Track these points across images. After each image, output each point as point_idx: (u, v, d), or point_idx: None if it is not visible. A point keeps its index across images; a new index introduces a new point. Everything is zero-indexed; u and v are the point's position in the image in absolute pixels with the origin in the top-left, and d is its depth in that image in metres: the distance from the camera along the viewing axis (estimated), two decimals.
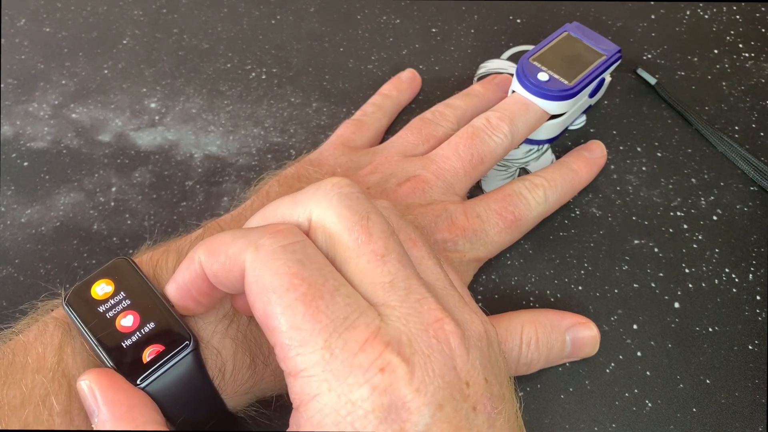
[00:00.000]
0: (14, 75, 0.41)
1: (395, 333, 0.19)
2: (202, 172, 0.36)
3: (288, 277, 0.19)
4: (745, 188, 0.35)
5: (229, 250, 0.20)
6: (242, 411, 0.26)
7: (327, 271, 0.20)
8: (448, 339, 0.19)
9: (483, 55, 0.42)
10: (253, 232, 0.20)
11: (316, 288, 0.19)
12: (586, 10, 0.44)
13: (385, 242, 0.20)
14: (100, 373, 0.21)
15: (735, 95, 0.39)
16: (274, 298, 0.19)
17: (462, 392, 0.19)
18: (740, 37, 0.42)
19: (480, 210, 0.31)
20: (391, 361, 0.18)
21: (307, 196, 0.22)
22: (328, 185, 0.22)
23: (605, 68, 0.35)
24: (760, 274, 0.32)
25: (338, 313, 0.19)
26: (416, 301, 0.20)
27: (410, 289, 0.20)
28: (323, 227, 0.21)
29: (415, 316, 0.19)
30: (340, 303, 0.19)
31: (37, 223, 0.34)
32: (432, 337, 0.19)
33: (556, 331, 0.28)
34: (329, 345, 0.18)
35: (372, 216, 0.21)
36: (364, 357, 0.18)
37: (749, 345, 0.29)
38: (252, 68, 0.41)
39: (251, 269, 0.20)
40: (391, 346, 0.18)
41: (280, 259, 0.19)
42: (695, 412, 0.28)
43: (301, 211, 0.21)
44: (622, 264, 0.32)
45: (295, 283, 0.19)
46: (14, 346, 0.23)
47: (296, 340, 0.18)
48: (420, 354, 0.19)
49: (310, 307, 0.19)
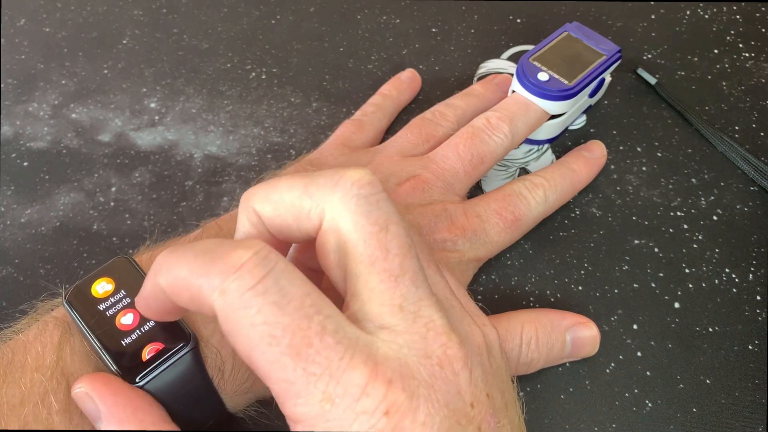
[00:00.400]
0: (14, 75, 0.41)
1: (396, 365, 0.18)
2: (202, 172, 0.36)
3: (266, 329, 0.17)
4: (745, 188, 0.35)
5: (191, 287, 0.18)
6: (242, 411, 0.26)
7: (308, 306, 0.18)
8: (452, 364, 0.19)
9: (483, 55, 0.42)
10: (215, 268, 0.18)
11: (300, 335, 0.17)
12: (586, 10, 0.44)
13: (401, 260, 0.19)
14: (95, 378, 0.21)
15: (735, 95, 0.39)
16: (256, 354, 0.17)
17: (467, 415, 0.18)
18: (740, 37, 0.42)
19: (480, 210, 0.31)
20: (395, 400, 0.17)
21: (324, 191, 0.20)
22: (348, 182, 0.20)
23: (605, 68, 0.35)
24: (760, 274, 0.32)
25: (332, 356, 0.17)
26: (423, 326, 0.19)
27: (418, 313, 0.19)
28: (337, 232, 0.19)
29: (419, 342, 0.19)
30: (331, 343, 0.17)
31: (37, 223, 0.34)
32: (435, 364, 0.18)
33: (556, 331, 0.28)
34: (328, 395, 0.17)
35: (391, 227, 0.19)
36: (367, 402, 0.17)
37: (749, 345, 0.29)
38: (252, 68, 0.41)
39: (223, 319, 0.18)
40: (393, 383, 0.17)
41: (251, 307, 0.17)
42: (695, 412, 0.28)
43: (314, 205, 0.20)
44: (622, 264, 0.32)
45: (276, 336, 0.17)
46: (14, 345, 0.23)
47: (291, 392, 0.17)
48: (424, 385, 0.18)
49: (299, 360, 0.17)
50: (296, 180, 0.20)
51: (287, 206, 0.20)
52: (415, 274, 0.19)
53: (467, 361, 0.19)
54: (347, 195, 0.19)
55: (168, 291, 0.19)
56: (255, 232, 0.21)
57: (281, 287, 0.18)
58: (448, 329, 0.19)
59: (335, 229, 0.19)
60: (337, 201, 0.19)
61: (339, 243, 0.20)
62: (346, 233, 0.19)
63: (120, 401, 0.20)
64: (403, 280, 0.19)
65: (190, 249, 0.19)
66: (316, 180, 0.20)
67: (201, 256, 0.18)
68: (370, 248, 0.19)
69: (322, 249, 0.20)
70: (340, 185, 0.20)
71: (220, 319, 0.18)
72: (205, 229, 0.28)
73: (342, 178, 0.20)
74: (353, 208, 0.19)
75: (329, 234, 0.20)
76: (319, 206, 0.20)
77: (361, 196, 0.19)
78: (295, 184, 0.20)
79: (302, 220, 0.20)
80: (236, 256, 0.18)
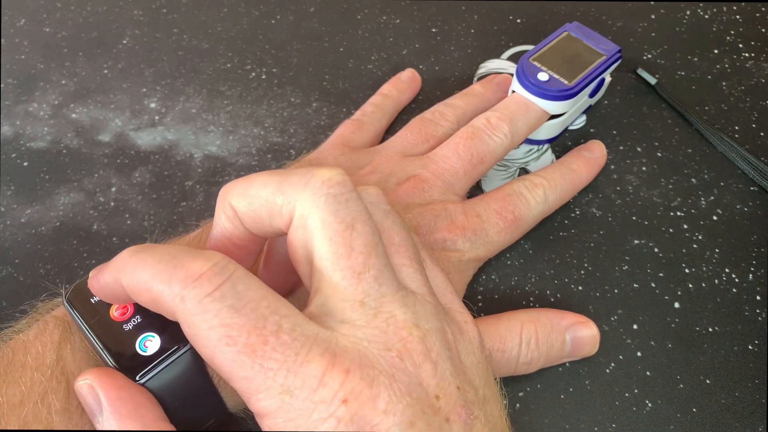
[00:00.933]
0: (14, 75, 0.41)
1: (355, 356, 0.18)
2: (202, 172, 0.36)
3: (223, 330, 0.18)
4: (745, 188, 0.35)
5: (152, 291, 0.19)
6: (242, 410, 0.26)
7: (264, 307, 0.19)
8: (411, 356, 0.19)
9: (483, 55, 0.42)
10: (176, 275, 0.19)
11: (256, 334, 0.18)
12: (586, 10, 0.44)
13: (365, 258, 0.20)
14: (100, 372, 0.21)
15: (735, 95, 0.39)
16: (217, 355, 0.18)
17: (432, 406, 0.19)
18: (740, 37, 0.42)
19: (480, 209, 0.31)
20: (353, 389, 0.18)
21: (295, 188, 0.20)
22: (318, 181, 0.20)
23: (605, 68, 0.35)
24: (760, 274, 0.32)
25: (288, 352, 0.18)
26: (383, 321, 0.19)
27: (380, 309, 0.20)
28: (305, 228, 0.20)
29: (379, 336, 0.19)
30: (287, 340, 0.18)
31: (37, 223, 0.34)
32: (395, 356, 0.19)
33: (556, 331, 0.28)
34: (287, 387, 0.18)
35: (357, 225, 0.20)
36: (325, 391, 0.18)
37: (749, 345, 0.29)
38: (252, 68, 0.41)
39: (185, 324, 0.19)
40: (351, 372, 0.18)
41: (209, 312, 0.18)
42: (695, 413, 0.28)
43: (286, 202, 0.20)
44: (622, 264, 0.32)
45: (232, 336, 0.18)
46: (14, 345, 0.23)
47: (252, 388, 0.18)
48: (384, 374, 0.18)
49: (255, 357, 0.18)
50: (271, 177, 0.21)
51: (261, 202, 0.21)
52: (379, 271, 0.20)
53: (429, 354, 0.19)
54: (317, 193, 0.20)
55: (127, 290, 0.20)
56: (230, 227, 0.22)
57: (237, 291, 0.19)
58: (411, 324, 0.20)
59: (303, 226, 0.20)
60: (307, 198, 0.20)
61: (306, 239, 0.20)
62: (313, 230, 0.20)
63: (123, 396, 0.21)
64: (366, 277, 0.20)
65: (154, 253, 0.20)
66: (290, 177, 0.21)
67: (164, 263, 0.19)
68: (334, 245, 0.20)
69: (291, 245, 0.21)
70: (311, 183, 0.20)
71: (181, 324, 0.19)
72: (205, 228, 0.28)
73: (313, 176, 0.20)
74: (321, 206, 0.20)
75: (298, 230, 0.20)
76: (290, 203, 0.20)
77: (330, 195, 0.20)
78: (270, 180, 0.21)
79: (274, 216, 0.21)
80: (197, 266, 0.19)
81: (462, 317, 0.23)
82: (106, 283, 0.21)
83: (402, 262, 0.22)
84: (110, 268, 0.21)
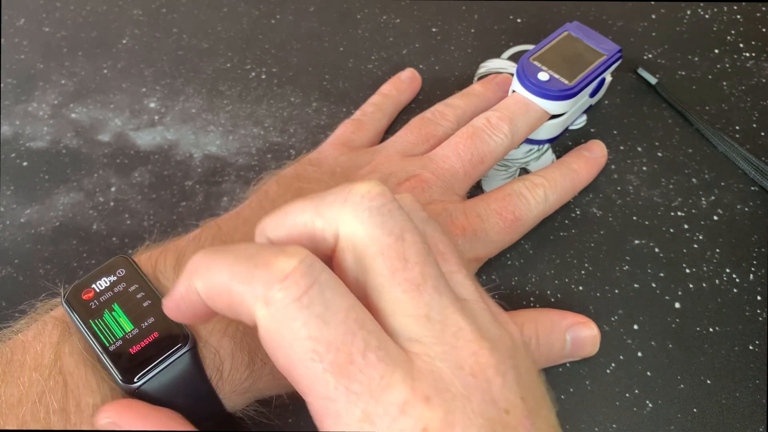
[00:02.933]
0: (14, 75, 0.41)
1: (431, 380, 0.18)
2: (202, 172, 0.36)
3: (311, 344, 0.17)
4: (745, 188, 0.35)
5: (232, 292, 0.18)
6: (241, 411, 0.25)
7: (353, 320, 0.17)
8: (485, 372, 0.18)
9: (483, 54, 0.41)
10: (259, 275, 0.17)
11: (344, 352, 0.17)
12: (587, 10, 0.43)
13: (421, 268, 0.19)
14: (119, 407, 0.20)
15: (736, 95, 0.39)
16: (299, 369, 0.17)
17: (503, 422, 0.18)
18: (741, 37, 0.42)
19: (480, 209, 0.31)
20: (431, 418, 0.17)
21: (334, 208, 0.19)
22: (357, 196, 0.19)
23: (606, 68, 0.35)
24: (760, 275, 0.31)
25: (373, 375, 0.17)
26: (452, 335, 0.19)
27: (446, 322, 0.19)
28: (353, 248, 0.19)
29: (451, 353, 0.18)
30: (373, 361, 0.17)
31: (37, 223, 0.34)
32: (468, 374, 0.18)
33: (556, 331, 0.28)
34: (368, 415, 0.17)
35: (407, 236, 0.19)
36: (406, 421, 0.17)
37: (750, 345, 0.29)
38: (252, 68, 0.41)
39: (265, 330, 0.17)
40: (430, 400, 0.17)
41: (297, 320, 0.17)
42: (696, 413, 0.28)
43: (327, 224, 0.19)
44: (623, 264, 0.32)
45: (319, 351, 0.17)
46: (13, 345, 0.23)
47: (331, 410, 0.17)
48: (459, 397, 0.18)
49: (342, 378, 0.17)
50: (306, 202, 0.20)
51: (301, 230, 0.20)
52: (436, 280, 0.19)
53: (499, 366, 0.19)
54: (358, 208, 0.19)
55: (204, 295, 0.19)
56: None
57: (326, 299, 0.17)
58: (478, 336, 0.19)
59: (351, 246, 0.19)
60: (348, 216, 0.19)
61: (356, 258, 0.19)
62: (363, 247, 0.19)
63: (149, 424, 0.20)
64: (426, 287, 0.19)
65: (230, 252, 0.18)
66: (326, 198, 0.20)
67: (243, 261, 0.18)
68: (388, 259, 0.19)
69: (340, 268, 0.20)
70: (350, 200, 0.19)
71: (261, 329, 0.17)
72: (205, 228, 0.28)
73: (351, 192, 0.19)
74: (366, 221, 0.19)
75: (345, 252, 0.19)
76: (332, 224, 0.19)
77: (372, 207, 0.19)
78: (306, 205, 0.20)
79: (318, 242, 0.20)
80: (281, 264, 0.17)
81: (503, 318, 0.22)
82: (180, 294, 0.19)
83: (450, 269, 0.21)
84: (182, 276, 0.19)
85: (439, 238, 0.22)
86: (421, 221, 0.22)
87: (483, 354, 0.19)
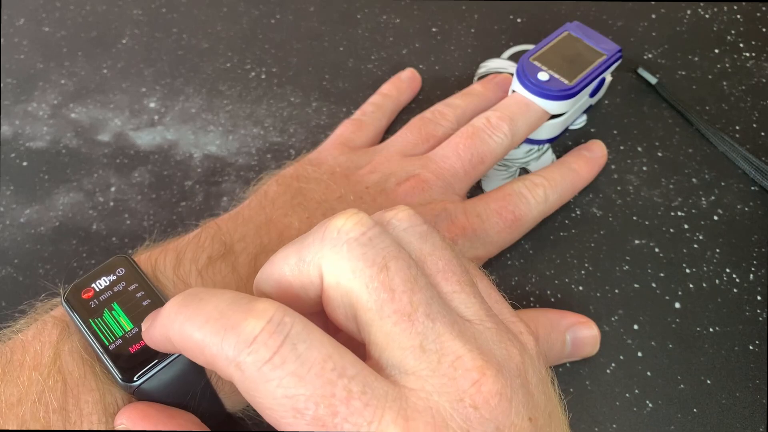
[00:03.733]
0: (13, 75, 0.41)
1: (428, 417, 0.17)
2: (202, 171, 0.36)
3: (289, 402, 0.16)
4: (745, 188, 0.35)
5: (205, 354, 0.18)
6: (241, 411, 0.25)
7: (330, 370, 0.17)
8: (487, 402, 0.18)
9: (483, 54, 0.41)
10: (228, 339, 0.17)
11: (325, 405, 0.16)
12: (587, 10, 0.43)
13: (410, 296, 0.18)
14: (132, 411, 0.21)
15: (736, 95, 0.39)
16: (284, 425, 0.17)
17: None
18: (741, 37, 0.42)
19: (480, 209, 0.31)
20: None
21: (312, 250, 0.19)
22: (333, 232, 0.19)
23: (606, 68, 0.35)
24: (761, 274, 0.31)
25: (359, 422, 0.16)
26: (449, 365, 0.18)
27: (442, 351, 0.18)
28: (338, 286, 0.19)
29: (449, 385, 0.17)
30: (358, 407, 0.17)
31: (36, 223, 0.34)
32: (469, 407, 0.17)
33: (556, 331, 0.28)
34: None
35: (391, 264, 0.18)
36: None
37: (750, 345, 0.29)
38: (251, 68, 0.41)
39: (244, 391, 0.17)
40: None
41: (271, 380, 0.17)
42: (696, 413, 0.28)
43: (311, 267, 0.19)
44: (623, 264, 0.32)
45: (299, 408, 0.16)
46: (12, 344, 0.23)
47: None
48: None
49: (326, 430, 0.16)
50: (289, 248, 0.20)
51: (288, 279, 0.20)
52: (428, 306, 0.18)
53: (504, 391, 0.18)
54: (337, 244, 0.19)
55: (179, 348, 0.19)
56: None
57: (299, 354, 0.17)
58: (480, 362, 0.18)
59: (335, 283, 0.19)
60: (328, 253, 0.19)
61: (342, 295, 0.19)
62: (346, 283, 0.18)
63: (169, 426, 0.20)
64: (417, 316, 0.18)
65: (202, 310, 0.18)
66: (305, 241, 0.20)
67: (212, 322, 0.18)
68: (374, 292, 0.18)
69: (329, 307, 0.20)
70: (327, 236, 0.19)
71: (241, 391, 0.17)
72: (204, 228, 0.28)
73: (327, 229, 0.19)
74: (346, 255, 0.18)
75: (331, 290, 0.19)
76: (315, 266, 0.19)
77: (351, 240, 0.19)
78: (288, 252, 0.20)
79: (307, 287, 0.20)
80: (249, 327, 0.17)
81: (517, 327, 0.21)
82: (158, 340, 0.20)
83: (451, 288, 0.20)
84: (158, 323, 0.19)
85: (440, 254, 0.21)
86: (419, 238, 0.21)
87: (485, 382, 0.18)
